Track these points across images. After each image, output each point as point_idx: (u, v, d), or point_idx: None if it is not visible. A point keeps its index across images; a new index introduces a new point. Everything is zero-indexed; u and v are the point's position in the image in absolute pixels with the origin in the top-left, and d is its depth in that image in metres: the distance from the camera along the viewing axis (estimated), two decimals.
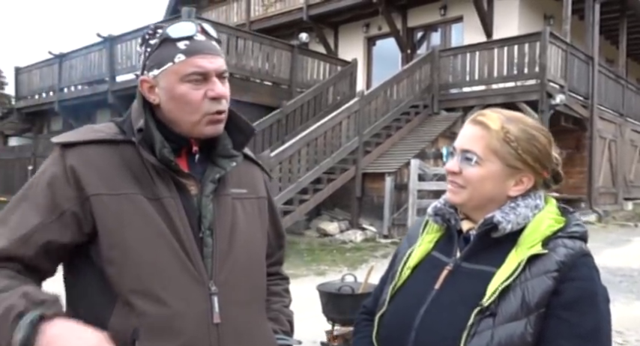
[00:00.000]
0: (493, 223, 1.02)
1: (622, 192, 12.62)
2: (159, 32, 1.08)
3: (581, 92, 10.68)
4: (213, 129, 1.11)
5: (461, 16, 12.38)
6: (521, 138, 1.04)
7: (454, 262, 1.06)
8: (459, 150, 1.07)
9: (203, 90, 1.08)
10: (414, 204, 8.33)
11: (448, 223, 1.13)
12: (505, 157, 1.03)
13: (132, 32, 10.76)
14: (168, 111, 1.10)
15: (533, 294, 0.95)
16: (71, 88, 12.99)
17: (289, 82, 10.70)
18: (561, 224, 1.04)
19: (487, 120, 1.05)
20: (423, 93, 10.54)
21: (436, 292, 1.05)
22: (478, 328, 0.95)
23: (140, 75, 1.11)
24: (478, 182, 1.05)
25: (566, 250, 0.98)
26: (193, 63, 1.06)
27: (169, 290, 1.02)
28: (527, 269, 0.97)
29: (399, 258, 1.19)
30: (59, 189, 1.04)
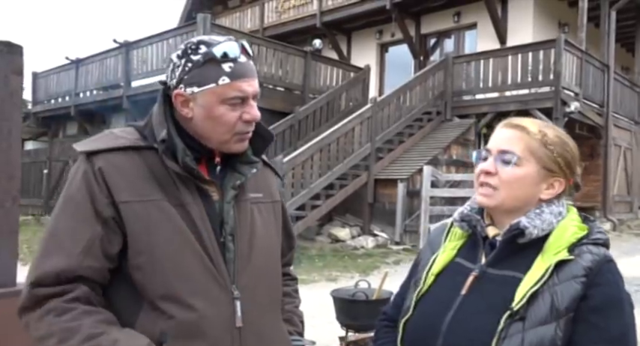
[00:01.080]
0: (520, 228, 1.04)
1: (637, 201, 12.45)
2: (202, 48, 1.08)
3: (596, 100, 10.60)
4: (240, 146, 1.14)
5: (475, 22, 12.36)
6: (556, 142, 1.08)
7: (480, 268, 1.08)
8: (495, 151, 1.08)
9: (239, 112, 1.10)
10: (427, 211, 8.30)
11: (474, 229, 1.14)
12: (542, 159, 1.06)
13: (147, 38, 10.88)
14: (200, 127, 1.11)
15: (562, 299, 0.97)
16: (87, 93, 13.13)
17: (302, 88, 10.75)
18: (584, 231, 1.06)
19: (524, 123, 1.09)
20: (435, 99, 10.52)
21: (463, 297, 1.06)
22: (508, 332, 0.97)
23: (174, 88, 1.10)
24: (515, 182, 1.06)
25: (592, 256, 1.01)
26: (237, 87, 1.08)
27: (195, 295, 1.05)
28: (555, 275, 0.99)
29: (421, 264, 1.20)
30: (95, 192, 1.05)
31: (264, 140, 1.21)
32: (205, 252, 1.07)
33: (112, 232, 1.05)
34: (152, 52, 10.71)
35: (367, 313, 3.29)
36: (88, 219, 1.04)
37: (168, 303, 1.03)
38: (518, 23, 11.57)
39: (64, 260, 1.01)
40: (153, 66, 10.70)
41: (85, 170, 1.07)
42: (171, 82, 1.11)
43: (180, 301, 1.03)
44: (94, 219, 1.04)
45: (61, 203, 1.08)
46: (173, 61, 1.11)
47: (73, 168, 1.11)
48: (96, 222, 1.04)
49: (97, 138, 1.14)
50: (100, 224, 1.04)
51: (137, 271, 1.04)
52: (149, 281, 1.03)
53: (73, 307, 1.01)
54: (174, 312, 1.03)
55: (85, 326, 0.99)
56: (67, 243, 1.03)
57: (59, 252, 1.02)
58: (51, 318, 1.00)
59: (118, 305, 1.06)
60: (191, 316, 1.03)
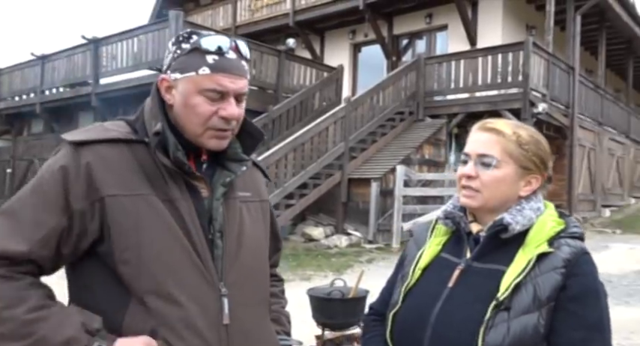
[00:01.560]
0: (503, 224, 1.10)
1: (600, 200, 12.88)
2: (193, 38, 1.09)
3: (562, 101, 10.90)
4: (216, 144, 1.12)
5: (446, 24, 12.56)
6: (530, 141, 1.13)
7: (465, 262, 1.13)
8: (474, 155, 1.13)
9: (216, 107, 1.09)
10: (399, 210, 8.40)
11: (457, 226, 1.19)
12: (519, 159, 1.12)
13: (117, 34, 10.64)
14: (178, 115, 1.11)
15: (544, 289, 1.03)
16: (53, 90, 12.79)
17: (275, 87, 10.72)
18: (562, 225, 1.12)
19: (498, 126, 1.14)
20: (408, 100, 10.65)
21: (450, 290, 1.11)
22: (494, 321, 1.02)
23: (163, 72, 1.12)
24: (495, 184, 1.12)
25: (570, 249, 1.07)
26: (215, 80, 1.07)
27: (183, 291, 1.04)
28: (537, 267, 1.05)
29: (408, 260, 1.25)
30: (72, 188, 1.03)
31: (254, 139, 1.21)
32: (193, 248, 1.06)
33: (80, 227, 1.03)
34: (122, 48, 10.49)
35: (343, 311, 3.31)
36: (55, 210, 1.02)
37: (156, 299, 1.02)
38: (488, 25, 11.81)
39: (18, 244, 0.99)
40: (123, 63, 10.49)
41: (67, 160, 1.04)
42: (163, 68, 1.13)
43: (167, 297, 1.02)
44: (62, 210, 1.02)
45: (32, 186, 1.05)
46: (169, 48, 1.12)
47: (56, 155, 1.08)
48: (62, 214, 1.02)
49: (86, 129, 1.12)
50: (67, 217, 1.02)
51: (124, 266, 1.02)
52: (136, 276, 1.02)
53: (21, 277, 0.99)
54: (162, 308, 1.02)
55: (34, 296, 0.98)
56: (27, 227, 1.00)
57: (17, 235, 1.00)
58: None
59: (104, 300, 1.04)
60: (178, 312, 1.03)
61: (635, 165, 15.60)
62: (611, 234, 10.43)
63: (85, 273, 1.07)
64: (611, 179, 13.73)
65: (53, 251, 1.03)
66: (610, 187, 13.57)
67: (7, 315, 0.95)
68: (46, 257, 1.03)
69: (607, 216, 12.55)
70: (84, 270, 1.08)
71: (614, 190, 13.83)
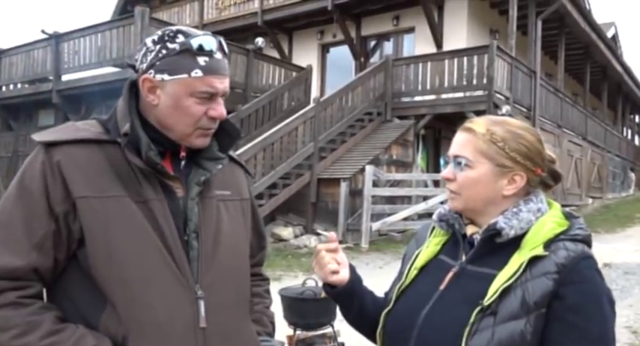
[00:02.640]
0: (496, 229, 1.05)
1: (560, 199, 13.32)
2: (179, 37, 1.07)
3: (525, 104, 11.23)
4: (202, 141, 1.12)
5: (413, 26, 12.75)
6: (507, 137, 1.07)
7: (459, 265, 1.09)
8: (451, 157, 1.11)
9: (205, 108, 1.08)
10: (369, 210, 8.46)
11: (453, 228, 1.15)
12: (493, 157, 1.07)
13: (80, 30, 10.34)
14: (165, 116, 1.09)
15: (533, 294, 0.97)
16: (10, 86, 12.32)
17: (244, 86, 10.64)
18: (564, 227, 1.06)
19: (473, 125, 1.10)
20: (376, 100, 10.75)
21: (440, 293, 1.08)
22: (479, 326, 0.98)
23: (143, 72, 1.08)
24: (470, 185, 1.08)
25: (567, 252, 1.00)
26: (208, 82, 1.07)
27: (155, 295, 1.01)
28: (528, 271, 0.99)
29: (407, 258, 1.22)
30: (51, 191, 1.01)
31: (231, 137, 1.19)
32: (167, 250, 1.04)
33: (66, 229, 1.01)
34: (85, 44, 10.18)
35: (316, 311, 3.31)
36: (42, 214, 1.00)
37: (126, 304, 1.00)
38: (453, 28, 12.06)
39: (17, 255, 0.98)
40: (86, 59, 10.18)
41: (43, 161, 1.02)
42: (140, 65, 1.09)
43: (139, 301, 1.00)
44: (48, 214, 1.00)
45: (15, 194, 1.02)
46: (147, 45, 1.09)
47: (30, 158, 1.06)
48: (49, 218, 1.00)
49: (57, 129, 1.10)
50: (53, 220, 1.00)
51: (95, 269, 1.00)
52: (107, 280, 0.99)
53: (32, 302, 0.98)
54: (134, 313, 0.99)
55: (46, 321, 0.97)
56: (20, 236, 0.99)
57: (12, 246, 0.98)
58: (7, 311, 0.96)
59: (80, 305, 1.02)
60: (151, 317, 1.00)
61: (592, 167, 16.21)
62: None
63: (63, 276, 1.05)
64: (570, 179, 14.22)
65: (51, 257, 1.01)
66: (569, 187, 14.06)
67: (20, 343, 0.94)
68: (46, 264, 1.01)
69: None
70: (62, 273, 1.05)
71: (572, 190, 14.34)
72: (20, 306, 0.97)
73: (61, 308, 1.03)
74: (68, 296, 1.03)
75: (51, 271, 1.02)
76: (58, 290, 1.05)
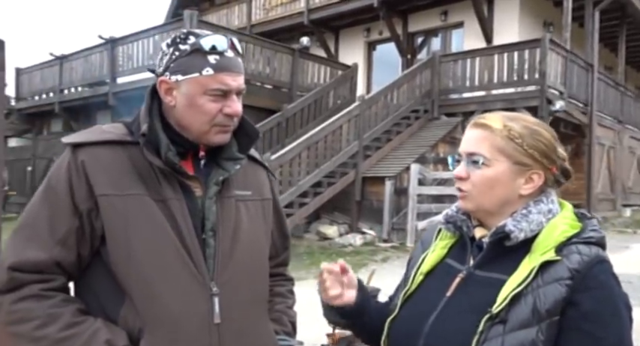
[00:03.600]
0: (505, 232, 1.00)
1: (620, 199, 12.66)
2: (190, 38, 1.10)
3: (581, 99, 10.74)
4: (220, 139, 1.14)
5: (461, 21, 12.44)
6: (524, 134, 1.02)
7: (467, 270, 1.05)
8: (464, 154, 1.05)
9: (220, 105, 1.10)
10: (414, 209, 8.35)
11: (460, 230, 1.10)
12: (512, 154, 1.01)
13: (133, 34, 10.77)
14: (182, 116, 1.12)
15: (545, 301, 0.93)
16: (72, 90, 12.99)
17: (290, 86, 10.73)
18: (576, 229, 1.00)
19: (488, 121, 1.04)
20: (423, 98, 10.57)
21: (447, 299, 1.03)
22: (488, 335, 0.93)
23: (160, 74, 1.12)
24: (487, 184, 1.02)
25: (580, 257, 0.95)
26: (220, 79, 1.09)
27: (171, 291, 1.05)
28: (540, 276, 0.95)
29: (412, 262, 1.18)
30: (76, 189, 1.06)
31: (250, 137, 1.21)
32: (184, 247, 1.07)
33: (89, 226, 1.06)
34: (138, 48, 10.60)
35: None
36: (67, 212, 1.05)
37: (143, 299, 1.03)
38: (504, 22, 11.67)
39: (42, 249, 1.03)
40: (139, 62, 10.60)
41: (69, 162, 1.08)
42: (159, 70, 1.13)
43: (155, 296, 1.03)
44: (72, 211, 1.05)
45: (42, 192, 1.09)
46: (163, 49, 1.13)
47: (58, 159, 1.12)
48: (73, 215, 1.05)
49: (84, 132, 1.15)
50: (77, 217, 1.05)
51: (115, 266, 1.04)
52: (126, 276, 1.04)
53: (54, 295, 1.03)
54: (151, 308, 1.03)
55: (66, 313, 1.02)
56: (44, 233, 1.04)
57: (36, 241, 1.04)
58: (30, 303, 1.01)
59: (102, 299, 1.07)
60: (166, 312, 1.04)
61: None
62: (632, 233, 10.23)
63: (88, 271, 1.10)
64: (632, 178, 13.47)
65: (74, 252, 1.06)
66: (631, 186, 13.32)
67: (41, 334, 1.00)
68: (70, 260, 1.06)
69: (628, 216, 12.32)
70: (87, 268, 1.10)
71: (635, 189, 13.57)
72: (43, 298, 1.02)
73: (85, 301, 1.08)
74: (92, 290, 1.08)
75: (75, 265, 1.07)
76: (84, 284, 1.10)
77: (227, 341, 1.08)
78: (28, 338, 1.00)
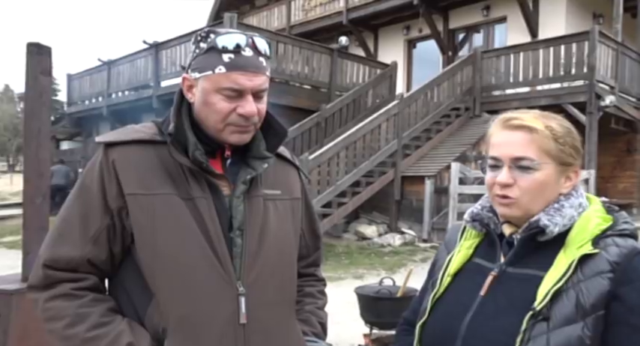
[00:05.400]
0: (540, 227, 0.98)
1: None
2: (210, 37, 1.10)
3: (633, 93, 10.21)
4: (237, 138, 1.12)
5: (504, 16, 12.09)
6: (564, 133, 1.01)
7: (499, 268, 1.02)
8: (507, 159, 1.00)
9: (234, 105, 1.09)
10: (455, 208, 8.18)
11: (487, 228, 1.08)
12: (559, 156, 1.00)
13: (176, 38, 11.04)
14: (199, 112, 1.13)
15: (588, 296, 0.92)
16: (118, 94, 13.45)
17: (328, 86, 10.73)
18: (609, 222, 1.00)
19: (528, 122, 1.00)
20: (464, 95, 10.35)
21: (482, 299, 1.01)
22: (532, 333, 0.92)
23: (185, 72, 1.14)
24: (538, 189, 1.00)
25: (619, 249, 0.95)
26: (232, 78, 1.08)
27: (197, 290, 1.05)
28: (579, 270, 0.94)
29: (438, 265, 1.15)
30: (107, 187, 1.08)
31: (278, 136, 1.20)
32: (211, 246, 1.06)
33: (120, 224, 1.07)
34: (180, 52, 10.86)
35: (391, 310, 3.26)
36: (99, 210, 1.07)
37: (170, 298, 1.04)
38: (550, 15, 11.26)
39: (74, 247, 1.06)
40: (182, 66, 10.85)
41: (101, 161, 1.10)
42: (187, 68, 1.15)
43: (181, 296, 1.04)
44: (104, 210, 1.07)
45: (77, 191, 1.12)
46: (190, 48, 1.14)
47: (92, 159, 1.14)
48: (105, 214, 1.07)
49: (117, 131, 1.17)
50: (109, 215, 1.07)
51: (142, 264, 1.06)
52: (152, 275, 1.05)
53: (84, 294, 1.06)
54: (176, 307, 1.04)
55: (95, 313, 1.04)
56: (77, 231, 1.07)
57: (70, 239, 1.07)
58: (62, 302, 1.04)
59: (133, 297, 1.09)
60: (191, 311, 1.04)
61: None
62: None
63: (121, 269, 1.12)
64: None
65: (106, 250, 1.08)
66: None
67: (70, 333, 1.03)
68: (102, 257, 1.08)
69: None
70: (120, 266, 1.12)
71: None
72: (73, 298, 1.05)
73: (118, 298, 1.10)
74: (124, 288, 1.10)
75: (106, 263, 1.09)
76: (117, 281, 1.12)
77: (253, 342, 1.08)
78: (59, 336, 1.03)
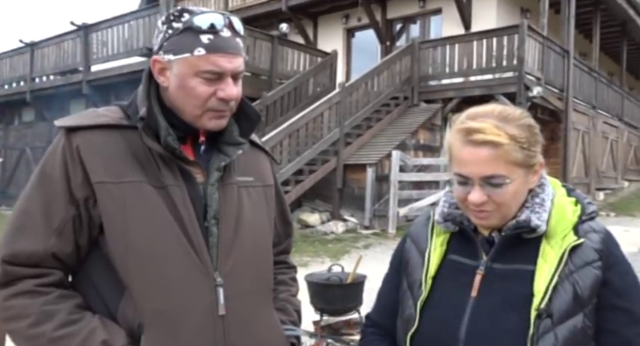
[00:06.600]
0: (530, 227, 0.97)
1: (594, 183, 12.95)
2: (184, 16, 1.04)
3: (557, 85, 10.88)
4: (215, 124, 1.08)
5: (440, 8, 12.44)
6: (526, 135, 0.98)
7: (484, 265, 1.00)
8: (477, 178, 0.96)
9: (213, 88, 1.04)
10: (395, 195, 8.39)
11: (461, 226, 1.05)
12: (526, 161, 0.97)
13: (107, 20, 10.50)
14: (174, 97, 1.07)
15: (584, 287, 0.92)
16: (43, 78, 12.63)
17: (269, 73, 10.60)
18: (578, 206, 1.01)
19: (490, 136, 0.94)
20: (403, 84, 10.58)
21: (474, 300, 0.98)
22: (539, 332, 0.91)
23: (155, 53, 1.07)
24: (512, 198, 0.98)
25: (598, 235, 0.97)
26: (212, 61, 1.03)
27: (173, 282, 1.00)
28: (570, 261, 0.94)
29: (411, 264, 1.10)
30: (72, 176, 1.01)
31: (251, 121, 1.16)
32: (186, 236, 1.02)
33: (87, 214, 1.01)
34: (113, 35, 10.33)
35: (342, 296, 3.31)
36: (62, 200, 1.00)
37: (145, 292, 0.99)
38: (482, 9, 11.71)
39: (36, 240, 0.98)
40: (114, 49, 10.34)
41: (63, 147, 1.02)
42: (154, 48, 1.08)
43: (156, 289, 0.99)
44: (68, 199, 1.00)
45: (36, 180, 1.03)
46: (158, 27, 1.07)
47: (52, 144, 1.06)
48: (69, 203, 1.00)
49: (78, 115, 1.09)
50: (74, 205, 1.00)
51: (112, 257, 1.00)
52: (124, 268, 0.99)
53: (49, 291, 0.98)
54: (152, 300, 0.99)
55: (62, 311, 0.97)
56: (39, 222, 0.99)
57: (31, 232, 0.99)
58: (25, 300, 0.97)
59: (102, 292, 1.02)
60: (169, 305, 0.99)
61: (628, 148, 15.66)
62: (605, 216, 10.49)
63: (86, 262, 1.05)
64: (605, 162, 13.78)
65: (72, 242, 1.01)
66: (604, 170, 13.63)
67: (35, 332, 0.95)
68: (67, 250, 1.01)
69: (601, 199, 12.62)
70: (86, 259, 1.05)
71: (607, 173, 13.90)
72: (37, 295, 0.97)
73: (85, 293, 1.03)
74: (91, 282, 1.04)
75: (72, 256, 1.02)
76: (83, 276, 1.06)
77: (232, 333, 1.05)
78: (22, 336, 0.96)
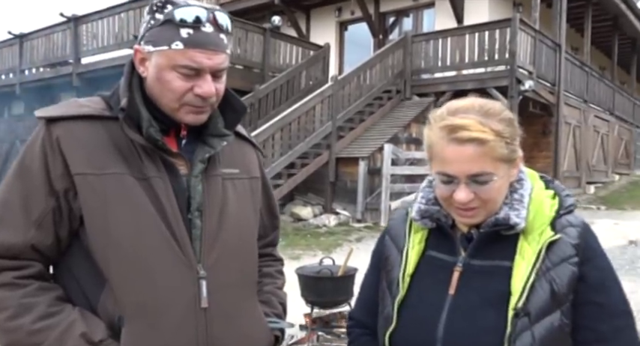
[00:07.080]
0: (510, 225, 0.96)
1: (585, 176, 13.04)
2: (168, 8, 1.02)
3: (549, 78, 10.91)
4: (193, 119, 1.06)
5: (432, 1, 12.42)
6: (510, 130, 0.96)
7: (462, 261, 0.99)
8: (463, 177, 0.94)
9: (191, 84, 1.03)
10: (387, 189, 8.41)
11: (438, 222, 1.04)
12: (509, 156, 0.96)
13: (97, 12, 10.40)
14: (152, 89, 1.06)
15: (561, 284, 0.91)
16: (33, 70, 12.50)
17: (262, 66, 10.56)
18: (556, 199, 1.00)
19: (475, 133, 0.93)
20: (395, 78, 10.57)
21: (452, 297, 0.97)
22: (516, 330, 0.90)
23: (137, 43, 1.06)
24: (498, 193, 0.97)
25: (575, 230, 0.95)
26: (189, 56, 1.01)
27: (155, 275, 0.99)
28: (547, 258, 0.92)
29: (390, 261, 1.09)
30: (51, 167, 1.00)
31: (237, 112, 1.15)
32: (169, 228, 1.01)
33: (67, 206, 0.99)
34: (103, 26, 10.24)
35: (332, 289, 3.32)
36: (42, 191, 0.99)
37: (125, 284, 0.98)
38: (475, 2, 11.70)
39: (15, 232, 0.97)
40: (104, 41, 10.24)
41: (43, 138, 1.01)
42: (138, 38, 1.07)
43: (137, 282, 0.98)
44: (48, 191, 0.99)
45: (15, 171, 1.02)
46: (144, 17, 1.06)
47: (32, 135, 1.04)
48: (49, 195, 0.99)
49: (59, 105, 1.07)
50: (54, 197, 0.99)
51: (93, 249, 0.99)
52: (105, 260, 0.98)
53: (28, 283, 0.97)
54: (133, 293, 0.98)
55: (41, 303, 0.96)
56: (18, 214, 0.98)
57: (10, 223, 0.98)
58: (3, 292, 0.96)
59: (83, 284, 1.01)
60: (150, 298, 0.98)
61: (619, 142, 15.77)
62: (596, 210, 10.58)
63: (67, 254, 1.04)
64: (596, 156, 13.87)
65: (51, 234, 1.00)
66: (595, 164, 13.72)
67: (13, 325, 0.94)
68: (47, 242, 1.00)
69: (592, 193, 12.72)
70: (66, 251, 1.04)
71: (598, 167, 13.99)
72: (16, 287, 0.96)
73: (65, 285, 1.02)
74: (72, 274, 1.03)
75: (52, 248, 1.01)
76: (63, 268, 1.04)
77: (215, 326, 1.04)
78: (0, 329, 0.95)
